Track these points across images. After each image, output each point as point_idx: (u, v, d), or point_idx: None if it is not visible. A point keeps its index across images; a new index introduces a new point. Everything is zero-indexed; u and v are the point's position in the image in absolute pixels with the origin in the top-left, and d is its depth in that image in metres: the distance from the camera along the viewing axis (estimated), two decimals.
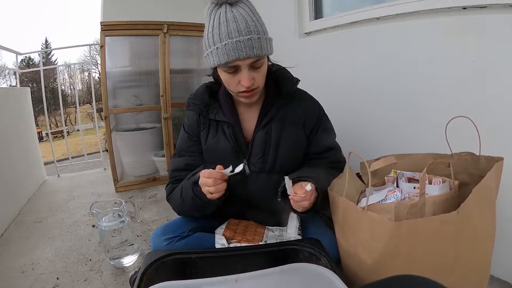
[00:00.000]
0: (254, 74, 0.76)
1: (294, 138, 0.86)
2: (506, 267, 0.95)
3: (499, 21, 0.89)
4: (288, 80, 0.87)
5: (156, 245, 0.86)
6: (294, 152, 0.87)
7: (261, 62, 0.76)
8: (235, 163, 0.82)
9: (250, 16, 0.72)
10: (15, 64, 2.64)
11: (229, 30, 0.70)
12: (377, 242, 0.62)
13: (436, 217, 0.58)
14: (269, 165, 0.85)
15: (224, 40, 0.71)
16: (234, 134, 0.85)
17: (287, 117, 0.86)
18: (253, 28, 0.71)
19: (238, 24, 0.70)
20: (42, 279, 1.19)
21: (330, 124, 0.94)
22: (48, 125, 3.16)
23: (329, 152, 0.90)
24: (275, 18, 1.78)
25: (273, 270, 0.66)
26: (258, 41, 0.72)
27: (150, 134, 2.26)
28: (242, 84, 0.75)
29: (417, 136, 1.16)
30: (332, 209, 0.75)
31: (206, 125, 0.89)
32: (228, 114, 0.87)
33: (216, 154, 0.87)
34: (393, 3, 1.21)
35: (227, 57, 0.71)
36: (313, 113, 0.89)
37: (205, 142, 0.89)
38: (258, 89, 0.79)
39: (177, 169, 0.91)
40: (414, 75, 1.14)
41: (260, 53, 0.72)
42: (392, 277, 0.49)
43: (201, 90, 0.90)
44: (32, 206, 1.97)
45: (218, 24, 0.72)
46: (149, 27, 2.02)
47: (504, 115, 0.91)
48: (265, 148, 0.85)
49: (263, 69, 0.78)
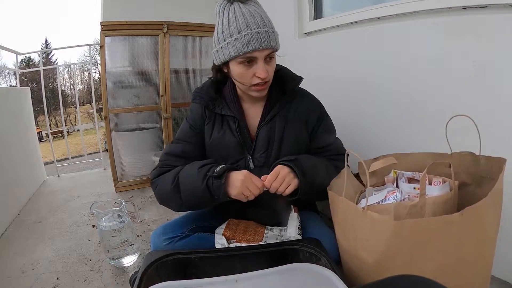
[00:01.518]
0: (267, 67, 0.79)
1: (297, 134, 0.89)
2: (506, 267, 0.95)
3: (499, 21, 0.89)
4: (292, 78, 0.91)
5: (156, 245, 0.86)
6: (296, 147, 0.89)
7: (273, 55, 0.80)
8: (239, 158, 0.87)
9: (263, 13, 0.78)
10: (15, 64, 2.64)
11: (247, 22, 0.74)
12: (377, 242, 0.62)
13: (438, 217, 0.58)
14: (272, 160, 0.86)
15: (243, 31, 0.74)
16: (239, 129, 0.87)
17: (290, 114, 0.89)
18: (268, 22, 0.77)
19: (255, 18, 0.75)
20: (42, 279, 1.19)
21: (330, 122, 0.97)
22: (48, 125, 3.16)
23: (330, 146, 0.93)
24: (275, 18, 1.76)
25: (273, 270, 0.66)
26: (273, 35, 0.77)
27: (150, 134, 2.25)
28: (258, 75, 0.77)
29: (417, 136, 1.16)
30: (331, 209, 0.75)
31: (211, 119, 0.90)
32: (234, 109, 0.88)
33: (221, 148, 0.88)
34: (393, 3, 1.21)
35: (246, 47, 0.74)
36: (315, 111, 0.92)
37: (209, 137, 0.90)
38: (269, 82, 0.82)
39: (171, 154, 0.89)
40: (414, 75, 1.14)
41: (276, 46, 0.78)
42: (392, 277, 0.49)
43: (208, 84, 0.92)
44: (32, 206, 1.97)
45: (234, 18, 0.75)
46: (149, 27, 2.02)
47: (504, 115, 0.91)
48: (269, 143, 0.87)
49: (274, 63, 0.82)
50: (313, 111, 0.92)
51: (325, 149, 0.92)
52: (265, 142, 0.87)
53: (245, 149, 0.88)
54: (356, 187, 0.84)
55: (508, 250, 0.90)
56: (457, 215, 0.56)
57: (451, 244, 0.59)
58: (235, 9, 0.75)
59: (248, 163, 0.88)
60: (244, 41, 0.74)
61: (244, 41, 0.74)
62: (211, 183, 0.75)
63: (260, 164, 0.88)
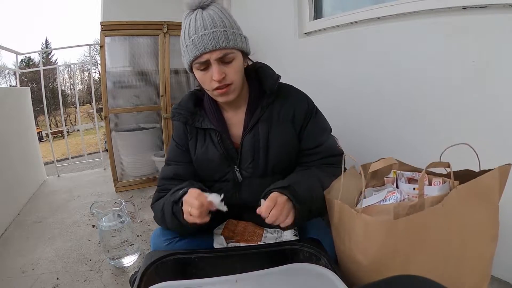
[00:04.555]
0: (225, 68, 0.74)
1: (283, 137, 0.83)
2: (506, 267, 0.95)
3: (499, 21, 0.89)
4: (270, 77, 0.83)
5: (156, 245, 0.86)
6: (285, 152, 0.84)
7: (232, 56, 0.74)
8: (226, 171, 0.83)
9: (219, 14, 0.73)
10: (15, 64, 2.65)
11: (196, 27, 0.72)
12: (371, 243, 0.63)
13: (425, 210, 0.59)
14: (260, 169, 0.83)
15: (192, 37, 0.72)
16: (222, 141, 0.83)
17: (274, 116, 0.83)
18: (219, 22, 0.72)
19: (204, 21, 0.72)
20: (42, 279, 1.19)
21: (321, 118, 0.89)
22: (48, 125, 3.16)
23: (322, 146, 0.85)
24: (275, 18, 1.78)
25: (273, 270, 0.66)
26: (224, 34, 0.72)
27: (150, 134, 2.26)
28: (213, 78, 0.73)
29: (417, 135, 1.16)
30: (329, 212, 0.75)
31: (193, 134, 0.86)
32: (214, 121, 0.84)
33: (206, 163, 0.85)
34: (393, 3, 1.21)
35: (194, 52, 0.72)
36: (301, 107, 0.84)
37: (194, 152, 0.86)
38: (233, 85, 0.76)
39: (164, 178, 0.88)
40: (414, 75, 1.14)
41: (226, 45, 0.72)
42: (392, 277, 0.49)
43: (186, 98, 0.88)
44: (32, 206, 1.97)
45: (188, 25, 0.74)
46: (149, 27, 2.02)
47: (504, 115, 0.91)
48: (254, 152, 0.82)
49: (236, 65, 0.76)
50: (299, 108, 0.84)
51: (316, 151, 0.85)
52: (251, 152, 0.82)
53: (231, 161, 0.84)
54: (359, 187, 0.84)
55: (508, 250, 0.91)
56: (439, 205, 0.58)
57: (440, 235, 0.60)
58: (192, 16, 0.74)
59: (236, 176, 0.84)
60: (192, 46, 0.72)
61: (192, 46, 0.72)
62: (176, 209, 0.74)
63: (249, 175, 0.83)
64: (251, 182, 0.83)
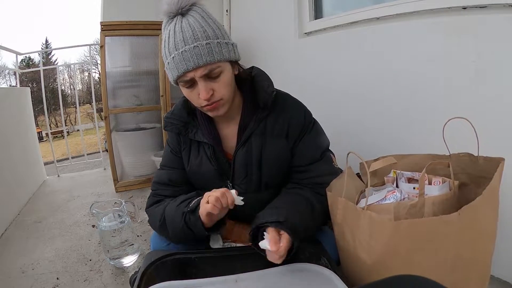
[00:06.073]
0: (213, 84, 0.68)
1: (277, 152, 0.78)
2: (506, 267, 0.95)
3: (499, 21, 0.90)
4: (263, 90, 0.76)
5: (156, 245, 0.86)
6: (278, 168, 0.80)
7: (219, 71, 0.67)
8: (220, 185, 0.78)
9: (200, 22, 0.66)
10: (15, 64, 2.65)
11: (176, 42, 0.65)
12: (376, 242, 0.62)
13: (436, 218, 0.58)
14: (254, 185, 0.80)
15: (172, 54, 0.66)
16: (214, 155, 0.79)
17: (268, 130, 0.78)
18: (201, 34, 0.65)
19: (184, 34, 0.65)
20: (42, 279, 1.19)
21: (318, 131, 0.82)
22: (48, 125, 3.17)
23: (315, 164, 0.79)
24: (275, 18, 1.78)
25: (273, 270, 0.66)
26: (208, 47, 0.65)
27: (150, 134, 2.26)
28: (201, 97, 0.68)
29: (417, 135, 1.16)
30: (331, 210, 0.75)
31: (187, 145, 0.83)
32: (207, 134, 0.79)
33: (200, 176, 0.82)
34: (393, 3, 1.21)
35: (177, 71, 0.66)
36: (297, 121, 0.79)
37: (187, 164, 0.83)
38: (222, 100, 0.70)
39: (159, 183, 0.87)
40: (414, 75, 1.14)
41: (211, 59, 0.65)
42: (392, 277, 0.49)
43: (179, 106, 0.82)
44: (32, 206, 1.97)
45: (168, 37, 0.67)
46: (149, 27, 2.03)
47: (504, 115, 0.91)
48: (247, 167, 0.78)
49: (224, 78, 0.69)
50: (295, 122, 0.78)
51: (309, 168, 0.79)
52: (244, 167, 0.78)
53: (224, 177, 0.81)
54: (357, 187, 0.84)
55: (507, 250, 0.91)
56: (455, 214, 0.56)
57: (450, 243, 0.59)
58: (171, 27, 0.67)
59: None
60: (173, 64, 0.66)
61: (174, 64, 0.66)
62: (188, 218, 0.71)
63: (243, 191, 0.78)
64: (245, 198, 0.77)
